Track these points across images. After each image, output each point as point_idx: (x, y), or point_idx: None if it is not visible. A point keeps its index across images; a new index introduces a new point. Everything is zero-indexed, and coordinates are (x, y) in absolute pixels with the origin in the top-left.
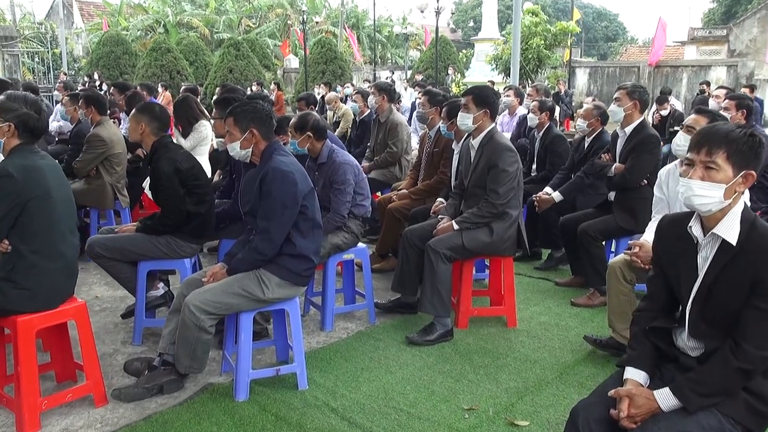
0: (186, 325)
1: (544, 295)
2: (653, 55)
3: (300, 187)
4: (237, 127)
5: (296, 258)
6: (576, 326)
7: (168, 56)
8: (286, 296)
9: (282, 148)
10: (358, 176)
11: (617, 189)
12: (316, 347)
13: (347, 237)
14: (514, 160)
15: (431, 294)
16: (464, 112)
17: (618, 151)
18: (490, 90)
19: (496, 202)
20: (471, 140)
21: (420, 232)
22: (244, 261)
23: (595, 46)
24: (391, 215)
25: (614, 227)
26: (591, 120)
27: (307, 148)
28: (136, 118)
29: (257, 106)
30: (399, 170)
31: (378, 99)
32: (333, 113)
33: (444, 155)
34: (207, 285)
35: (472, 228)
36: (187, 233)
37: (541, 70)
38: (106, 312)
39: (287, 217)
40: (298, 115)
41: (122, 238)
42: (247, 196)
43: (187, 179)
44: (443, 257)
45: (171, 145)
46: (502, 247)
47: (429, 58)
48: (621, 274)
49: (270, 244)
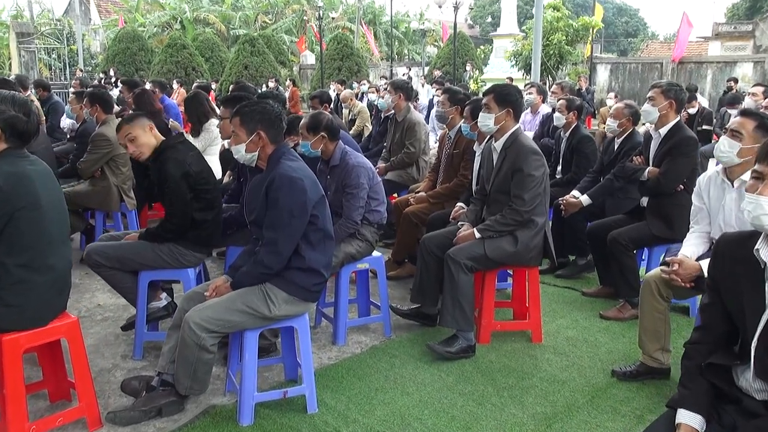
0: (186, 343)
1: (570, 306)
2: (677, 51)
3: (309, 195)
4: (243, 128)
5: (305, 272)
6: (606, 342)
7: (183, 52)
8: (294, 313)
9: (291, 153)
10: (372, 180)
11: (651, 194)
12: (328, 364)
13: (361, 245)
14: (540, 164)
15: (452, 307)
16: (485, 112)
17: (651, 153)
18: (513, 88)
19: (520, 208)
20: (493, 142)
21: (439, 240)
22: (249, 275)
23: (615, 42)
24: (408, 220)
25: (647, 235)
26: (622, 120)
27: (320, 150)
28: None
29: (266, 107)
30: (416, 171)
31: (394, 97)
32: (348, 111)
33: (464, 157)
34: (209, 300)
35: (495, 236)
36: (191, 241)
37: (562, 66)
38: (108, 322)
39: (295, 227)
40: (309, 115)
41: (122, 246)
42: (253, 204)
43: (196, 183)
44: (464, 268)
45: (180, 146)
46: (527, 257)
47: (446, 55)
48: (656, 289)
49: (277, 257)
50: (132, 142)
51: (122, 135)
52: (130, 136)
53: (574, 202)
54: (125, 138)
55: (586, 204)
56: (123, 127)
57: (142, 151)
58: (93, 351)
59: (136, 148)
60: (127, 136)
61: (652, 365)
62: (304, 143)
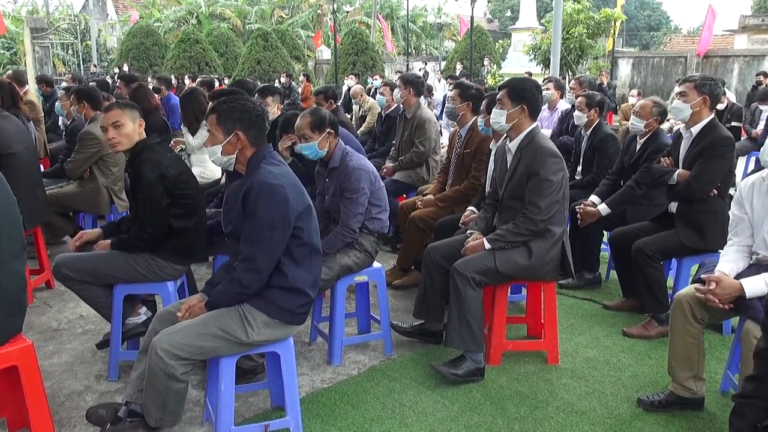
0: (153, 371)
1: (590, 321)
2: (702, 45)
3: (293, 205)
4: (220, 127)
5: (288, 292)
6: (631, 365)
7: (196, 47)
8: (275, 338)
9: (273, 156)
10: (374, 184)
11: (680, 200)
12: (320, 387)
13: (359, 256)
14: (558, 168)
15: (459, 326)
16: (498, 108)
17: (681, 154)
18: (530, 82)
19: (536, 217)
20: (507, 142)
21: (445, 251)
22: (225, 294)
23: (637, 36)
24: (415, 225)
25: (676, 245)
26: (650, 120)
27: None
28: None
29: (246, 104)
30: (426, 172)
31: (404, 92)
32: (359, 107)
33: (476, 157)
34: (180, 323)
35: (507, 248)
36: (170, 252)
37: (582, 60)
38: (88, 336)
39: (276, 241)
40: (310, 112)
41: (93, 258)
42: (230, 214)
43: (174, 188)
44: (472, 282)
45: (157, 146)
46: (542, 271)
47: (464, 49)
48: (689, 310)
49: (255, 274)
50: (117, 128)
51: (110, 117)
52: (118, 123)
53: (591, 212)
54: (111, 121)
55: (604, 214)
56: (114, 110)
57: (122, 142)
58: (66, 370)
59: (116, 136)
60: (115, 122)
61: (683, 395)
62: (309, 144)
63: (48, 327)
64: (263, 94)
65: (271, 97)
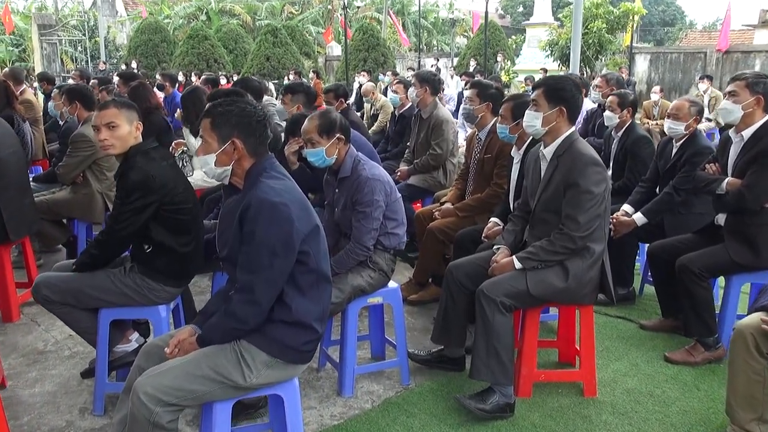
0: (136, 418)
1: (626, 343)
2: (722, 40)
3: (297, 226)
4: (214, 133)
5: (292, 327)
6: (678, 397)
7: (205, 44)
8: (277, 380)
9: (275, 168)
10: (390, 196)
11: (730, 211)
12: (329, 425)
13: (373, 275)
14: (601, 178)
15: (486, 356)
16: (533, 110)
17: (730, 160)
18: (569, 82)
19: (574, 233)
20: (542, 148)
21: (469, 269)
22: (219, 329)
23: (651, 32)
24: (433, 236)
25: (725, 262)
26: (689, 121)
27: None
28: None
29: (245, 108)
30: (443, 175)
31: (419, 91)
32: (371, 106)
33: (498, 162)
34: (168, 361)
35: (540, 267)
36: (162, 272)
37: (601, 56)
38: (76, 359)
39: (278, 269)
40: (318, 114)
41: (77, 278)
42: (225, 235)
43: (162, 200)
44: (500, 307)
45: (153, 152)
46: (579, 293)
47: (477, 45)
48: (753, 343)
49: (253, 307)
50: (110, 129)
51: (104, 116)
52: (113, 123)
53: (626, 221)
54: (105, 121)
55: (640, 224)
56: (110, 108)
57: (114, 145)
58: (48, 401)
59: (109, 138)
60: (109, 122)
61: None
62: (316, 150)
63: (33, 349)
64: (285, 93)
65: (291, 95)
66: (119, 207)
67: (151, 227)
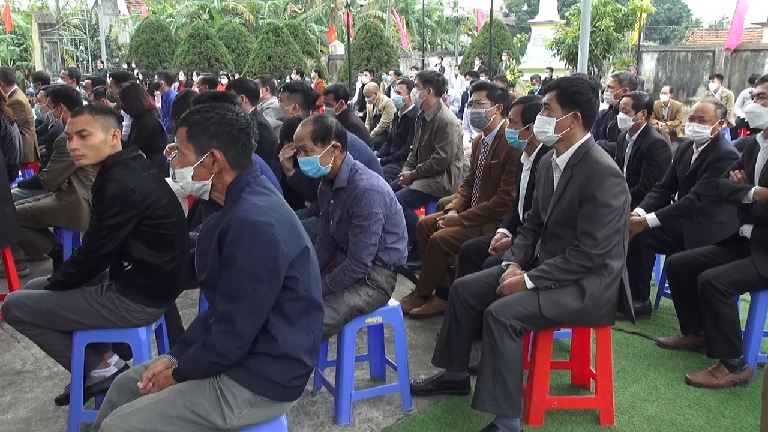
0: None
1: (644, 363)
2: (731, 38)
3: (284, 249)
4: (191, 144)
5: (278, 360)
6: (702, 426)
7: (206, 43)
8: (262, 419)
9: (260, 183)
10: (390, 208)
11: (757, 222)
12: None
13: (371, 294)
14: (620, 190)
15: (492, 384)
16: (545, 114)
17: (757, 168)
18: (585, 84)
19: (591, 251)
20: (554, 157)
21: (476, 287)
22: (196, 363)
23: (657, 30)
24: (437, 247)
25: (753, 277)
26: (714, 125)
27: (330, 165)
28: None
29: (227, 115)
30: (447, 180)
31: (423, 92)
32: (373, 106)
33: (506, 168)
34: (141, 398)
35: (554, 287)
36: (141, 292)
37: (609, 54)
38: (54, 381)
39: (261, 297)
40: (312, 119)
41: (49, 298)
42: (204, 257)
43: (144, 213)
44: (510, 331)
45: (133, 162)
46: (596, 315)
47: (481, 44)
48: None
49: (233, 340)
50: (83, 138)
51: (76, 123)
52: (86, 131)
53: (637, 221)
54: (77, 129)
55: (652, 225)
56: (83, 114)
57: (86, 155)
58: (21, 430)
59: (81, 148)
60: (81, 130)
61: None
62: (309, 159)
63: (10, 368)
64: (283, 91)
65: (288, 93)
66: (96, 223)
67: (131, 243)
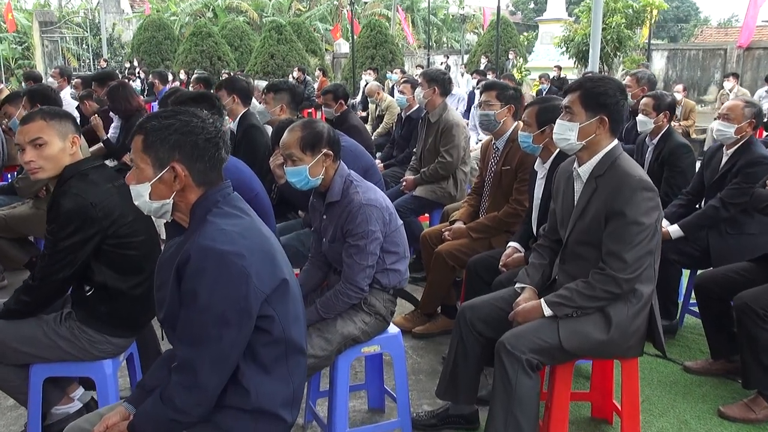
0: None
1: (671, 392)
2: (744, 36)
3: (256, 284)
4: (147, 156)
5: (251, 416)
6: None
7: (209, 41)
8: None
9: (230, 202)
10: (389, 224)
11: None
12: None
13: (367, 321)
14: (653, 205)
15: (504, 425)
16: (566, 119)
17: None
18: (612, 84)
19: (619, 275)
20: (576, 166)
21: (486, 312)
22: (153, 419)
23: (665, 28)
24: (442, 261)
25: None
26: (742, 124)
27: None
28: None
29: (191, 122)
30: (453, 186)
31: (427, 92)
32: (376, 106)
33: (519, 176)
34: None
35: (575, 315)
36: (104, 321)
37: (620, 53)
38: (19, 412)
39: (229, 342)
40: (300, 125)
41: (1, 328)
42: (162, 290)
43: (106, 231)
44: (526, 366)
45: (94, 173)
46: (624, 346)
47: (488, 42)
48: None
49: (195, 394)
50: (38, 148)
51: (27, 131)
52: (40, 140)
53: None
54: (29, 138)
55: (675, 237)
56: (35, 121)
57: (42, 167)
58: None
59: (36, 159)
60: (35, 139)
61: None
62: (297, 169)
63: None
64: (267, 92)
65: (273, 94)
66: (51, 245)
67: (92, 266)
